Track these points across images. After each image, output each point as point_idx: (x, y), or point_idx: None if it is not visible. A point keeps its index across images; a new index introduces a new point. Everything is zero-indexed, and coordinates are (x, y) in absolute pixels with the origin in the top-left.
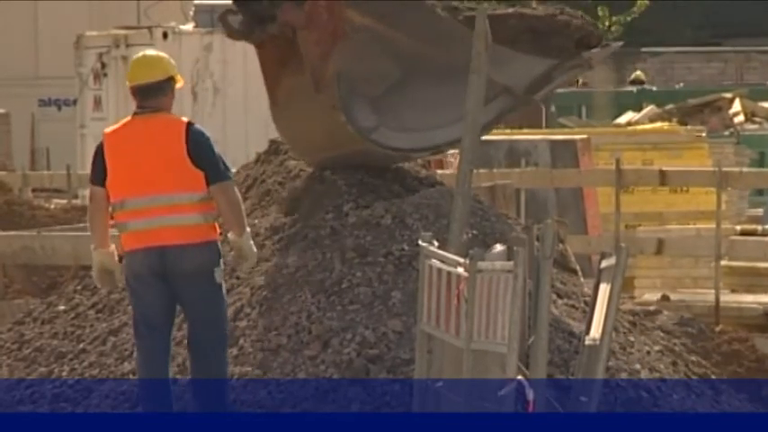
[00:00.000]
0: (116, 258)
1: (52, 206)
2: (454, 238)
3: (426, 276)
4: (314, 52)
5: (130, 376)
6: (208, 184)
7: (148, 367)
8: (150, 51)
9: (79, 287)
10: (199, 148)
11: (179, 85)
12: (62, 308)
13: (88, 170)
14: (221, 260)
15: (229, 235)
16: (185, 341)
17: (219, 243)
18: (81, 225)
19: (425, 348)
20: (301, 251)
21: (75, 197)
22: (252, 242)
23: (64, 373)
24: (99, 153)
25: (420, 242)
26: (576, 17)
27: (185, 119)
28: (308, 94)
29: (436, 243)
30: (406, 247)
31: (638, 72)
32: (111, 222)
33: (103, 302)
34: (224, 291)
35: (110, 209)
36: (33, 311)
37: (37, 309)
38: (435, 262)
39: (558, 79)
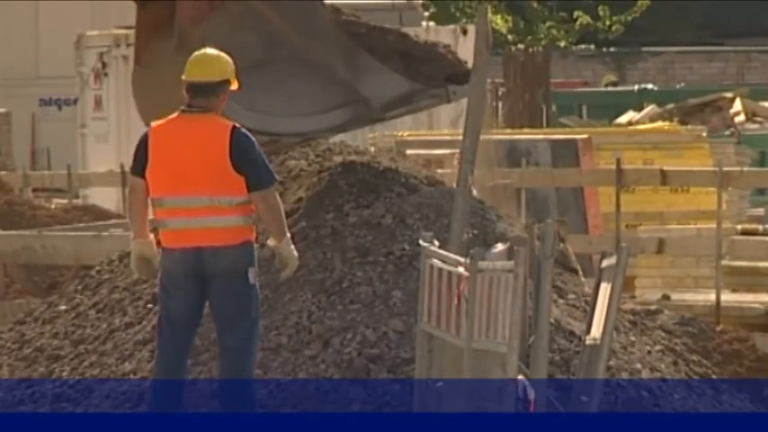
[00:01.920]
0: (154, 247)
1: (53, 206)
2: (455, 237)
3: (427, 276)
4: (188, 13)
5: (131, 376)
6: (248, 189)
7: (164, 365)
8: (211, 50)
9: (80, 287)
10: (242, 154)
11: (234, 87)
12: (63, 308)
13: (88, 170)
14: (255, 260)
15: (269, 241)
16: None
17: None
18: (82, 225)
19: (426, 348)
20: (302, 251)
21: (76, 197)
22: (292, 247)
23: (65, 373)
24: (142, 145)
25: (421, 242)
26: (452, 53)
27: (231, 123)
28: (172, 56)
29: (437, 243)
30: (407, 247)
31: (609, 76)
32: (150, 218)
33: (104, 302)
34: (257, 291)
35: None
36: (34, 311)
37: (38, 308)
38: (436, 261)
39: (417, 104)
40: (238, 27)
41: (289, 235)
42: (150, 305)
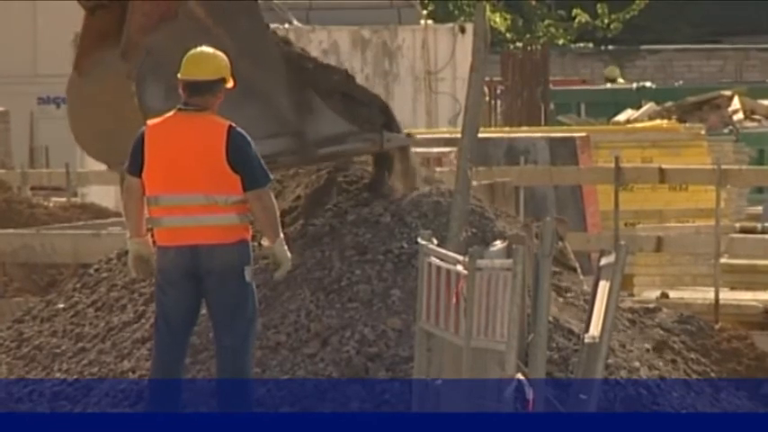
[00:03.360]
0: (151, 246)
1: (51, 204)
2: (453, 235)
3: (426, 274)
4: (137, 21)
5: (130, 374)
6: (244, 188)
7: (161, 364)
8: (206, 48)
9: (78, 285)
10: (238, 153)
11: (229, 85)
12: (61, 306)
13: (87, 168)
14: (251, 259)
15: (263, 241)
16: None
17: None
18: (80, 223)
19: (425, 346)
20: (300, 249)
21: (75, 195)
22: (286, 248)
23: (63, 372)
24: (138, 143)
25: (419, 240)
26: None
27: (228, 122)
28: (112, 66)
29: (435, 241)
30: (406, 245)
31: (612, 67)
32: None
33: (103, 300)
34: (254, 289)
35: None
36: (33, 309)
37: (36, 307)
38: (435, 260)
39: (349, 145)
40: (185, 42)
41: (282, 235)
42: (144, 307)
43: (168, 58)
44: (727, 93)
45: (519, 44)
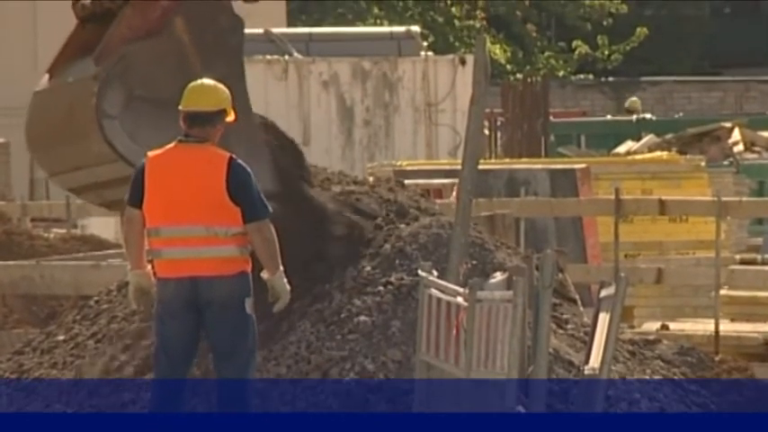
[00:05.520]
0: (152, 278)
1: (51, 236)
2: (453, 267)
3: (426, 306)
4: (121, 33)
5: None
6: (244, 220)
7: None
8: (208, 80)
9: (78, 317)
10: (238, 185)
11: (230, 118)
12: (61, 338)
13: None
14: (251, 291)
15: (263, 274)
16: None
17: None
18: (80, 255)
19: (425, 378)
20: (300, 280)
21: (75, 227)
22: (285, 280)
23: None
24: (139, 175)
25: (419, 272)
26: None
27: (228, 154)
28: (83, 70)
29: (436, 273)
30: (406, 277)
31: (634, 99)
32: (146, 248)
33: (103, 332)
34: (254, 321)
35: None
36: (32, 341)
37: (36, 338)
38: (435, 291)
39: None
40: (160, 61)
41: (282, 267)
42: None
43: (139, 69)
44: (728, 124)
45: (519, 76)
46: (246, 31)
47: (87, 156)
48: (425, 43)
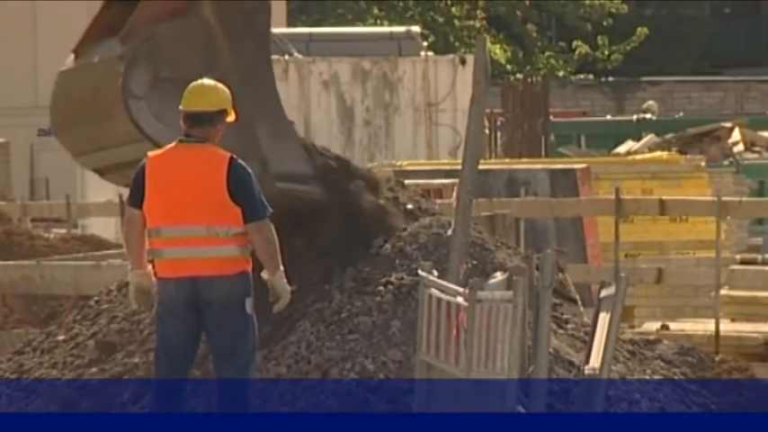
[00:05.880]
0: (153, 278)
1: (51, 236)
2: (453, 267)
3: (426, 306)
4: (147, 12)
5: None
6: (244, 220)
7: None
8: (208, 81)
9: (79, 317)
10: (239, 185)
11: (230, 118)
12: (61, 338)
13: (87, 200)
14: (252, 291)
15: (263, 274)
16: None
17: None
18: (80, 255)
19: (425, 378)
20: (300, 280)
21: (75, 227)
22: (285, 280)
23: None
24: (140, 175)
25: (420, 272)
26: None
27: (228, 154)
28: (108, 50)
29: (436, 272)
30: (406, 277)
31: (651, 102)
32: (147, 248)
33: (103, 332)
34: (254, 321)
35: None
36: (33, 341)
37: (36, 339)
38: (435, 291)
39: (310, 188)
40: (186, 41)
41: (282, 267)
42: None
43: (166, 49)
44: (728, 124)
45: (519, 76)
46: None
47: (112, 136)
48: (425, 43)
